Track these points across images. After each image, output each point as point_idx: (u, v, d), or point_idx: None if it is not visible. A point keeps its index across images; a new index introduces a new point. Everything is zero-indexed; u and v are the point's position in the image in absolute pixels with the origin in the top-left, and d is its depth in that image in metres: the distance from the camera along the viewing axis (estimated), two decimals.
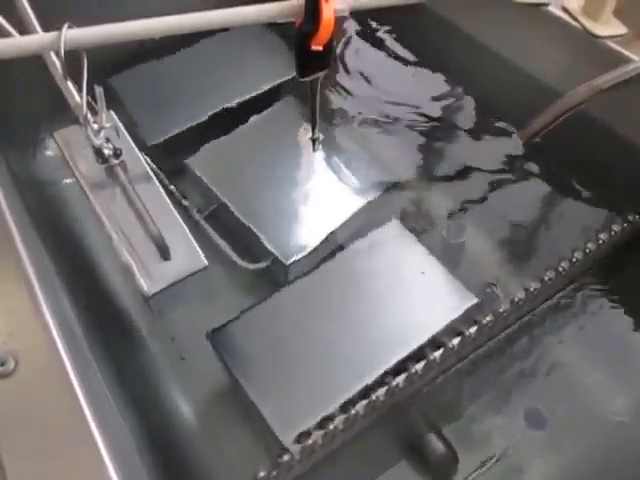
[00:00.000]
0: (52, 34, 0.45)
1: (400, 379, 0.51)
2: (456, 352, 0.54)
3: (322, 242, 0.67)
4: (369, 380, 0.54)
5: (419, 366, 0.52)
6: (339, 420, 0.48)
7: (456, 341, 0.53)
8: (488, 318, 0.54)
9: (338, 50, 0.94)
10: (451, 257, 0.74)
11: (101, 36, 0.46)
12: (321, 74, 0.51)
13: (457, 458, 0.58)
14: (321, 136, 0.61)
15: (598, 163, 0.72)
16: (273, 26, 0.87)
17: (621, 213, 0.67)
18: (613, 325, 0.68)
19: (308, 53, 0.47)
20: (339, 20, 0.46)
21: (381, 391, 0.50)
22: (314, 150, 0.62)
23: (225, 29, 0.84)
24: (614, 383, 0.64)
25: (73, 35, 0.45)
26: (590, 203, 0.75)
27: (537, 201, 0.78)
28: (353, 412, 0.48)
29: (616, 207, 0.70)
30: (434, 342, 0.55)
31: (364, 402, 0.49)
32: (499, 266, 0.74)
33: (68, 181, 0.80)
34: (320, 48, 0.46)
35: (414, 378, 0.52)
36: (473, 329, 0.54)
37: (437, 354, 0.53)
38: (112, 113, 0.64)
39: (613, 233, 0.62)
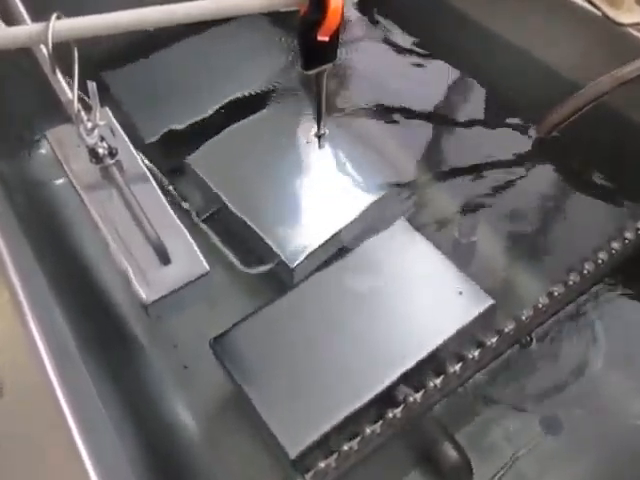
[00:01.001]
0: (40, 25, 0.43)
1: (418, 395, 0.48)
2: (476, 362, 0.52)
3: (327, 243, 0.65)
4: (381, 388, 0.52)
5: (438, 380, 0.49)
6: (354, 442, 0.46)
7: (477, 352, 0.50)
8: (510, 326, 0.52)
9: (344, 43, 0.92)
10: (463, 257, 0.71)
11: (92, 27, 0.44)
12: (327, 67, 0.50)
13: (471, 466, 0.56)
14: (327, 132, 0.59)
15: (620, 158, 0.70)
16: (275, 19, 0.85)
17: None
18: (634, 328, 0.65)
19: (314, 44, 0.45)
20: (344, 10, 0.44)
21: (398, 409, 0.47)
22: (320, 146, 0.60)
23: (225, 22, 0.84)
24: (633, 386, 0.62)
25: (62, 26, 0.43)
26: (613, 200, 0.72)
27: (555, 198, 0.75)
28: (369, 431, 0.45)
29: None
30: (454, 353, 0.52)
31: (380, 422, 0.47)
32: (514, 267, 0.71)
33: (61, 183, 0.77)
34: (326, 39, 0.45)
35: (432, 392, 0.49)
36: (494, 339, 0.51)
37: (457, 367, 0.50)
38: (107, 110, 0.62)
39: (639, 232, 0.59)
